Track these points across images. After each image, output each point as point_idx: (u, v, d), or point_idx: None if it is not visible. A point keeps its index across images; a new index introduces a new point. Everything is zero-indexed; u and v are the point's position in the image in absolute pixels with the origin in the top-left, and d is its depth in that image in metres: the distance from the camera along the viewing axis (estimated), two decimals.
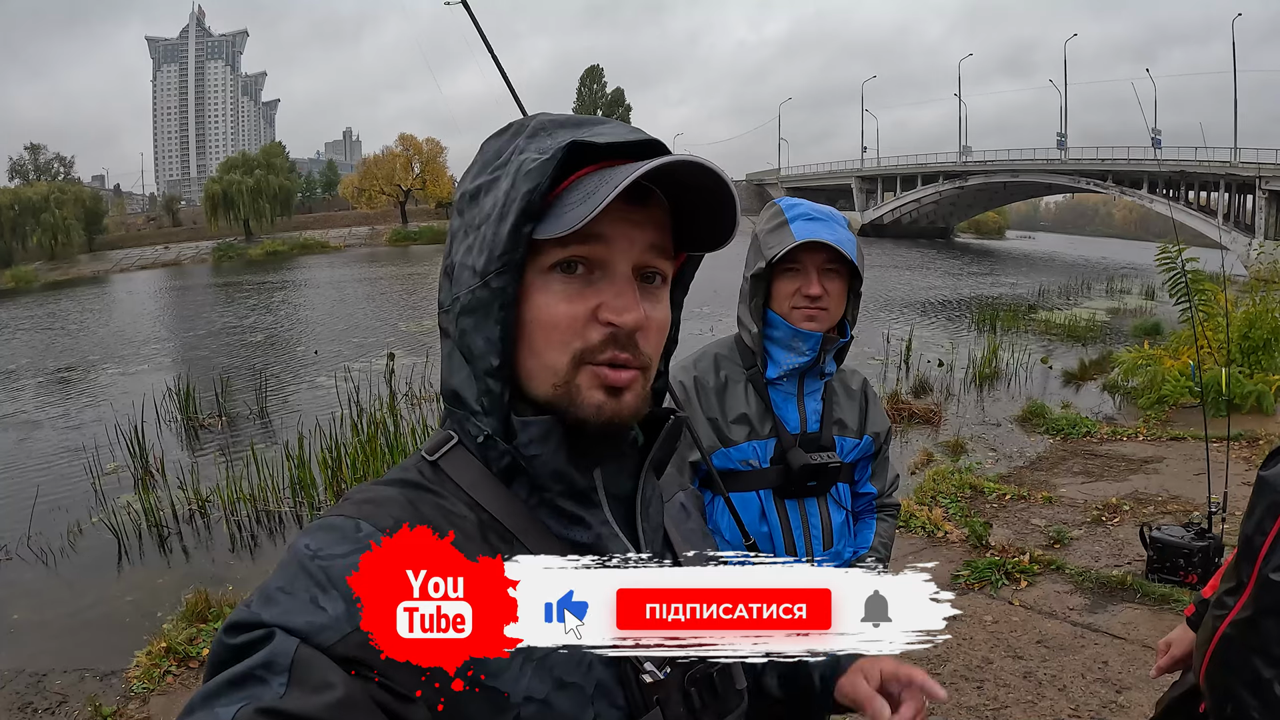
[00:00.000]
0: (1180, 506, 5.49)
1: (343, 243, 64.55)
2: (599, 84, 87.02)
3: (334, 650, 0.61)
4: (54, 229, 61.03)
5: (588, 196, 0.69)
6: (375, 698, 0.61)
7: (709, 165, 0.71)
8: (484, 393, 0.75)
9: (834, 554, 1.76)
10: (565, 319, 0.72)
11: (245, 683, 0.59)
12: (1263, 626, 1.26)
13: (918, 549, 4.97)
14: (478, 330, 0.74)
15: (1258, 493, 1.34)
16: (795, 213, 1.68)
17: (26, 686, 4.08)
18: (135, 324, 22.21)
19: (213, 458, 8.22)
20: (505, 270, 0.71)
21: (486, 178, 0.75)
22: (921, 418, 9.05)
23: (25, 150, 79.55)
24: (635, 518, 0.81)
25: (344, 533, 0.68)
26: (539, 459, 0.74)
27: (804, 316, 1.68)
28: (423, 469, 0.77)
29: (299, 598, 0.63)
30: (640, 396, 0.76)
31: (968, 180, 59.46)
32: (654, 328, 0.76)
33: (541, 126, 0.75)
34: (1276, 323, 9.16)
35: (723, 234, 0.77)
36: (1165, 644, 1.67)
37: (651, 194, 0.74)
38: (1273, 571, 1.25)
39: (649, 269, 0.75)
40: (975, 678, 3.47)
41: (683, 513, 0.96)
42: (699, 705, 0.77)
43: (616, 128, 0.74)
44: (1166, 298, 6.86)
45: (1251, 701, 1.25)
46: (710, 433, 1.71)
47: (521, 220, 0.70)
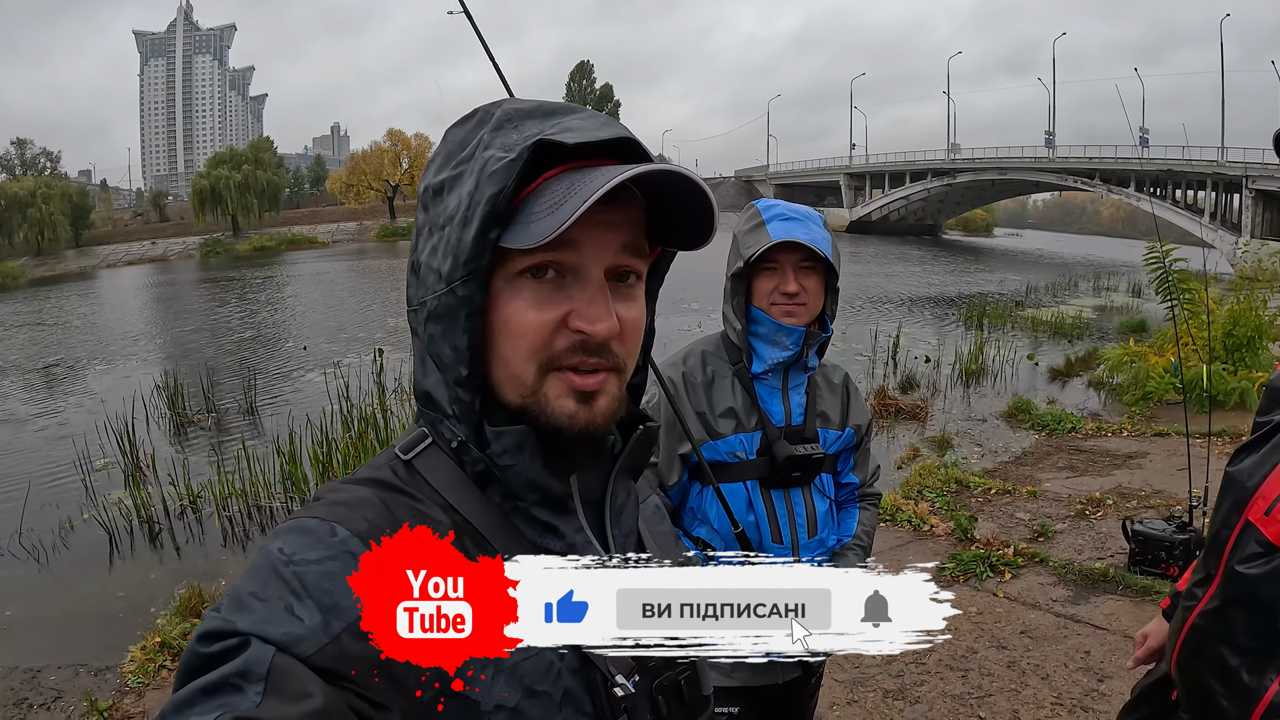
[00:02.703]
0: (1163, 501, 5.56)
1: (331, 238, 64.32)
2: (588, 80, 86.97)
3: (311, 661, 0.59)
4: (40, 224, 60.66)
5: (556, 205, 0.65)
6: (353, 707, 0.60)
7: (685, 174, 0.69)
8: (454, 400, 0.73)
9: (818, 541, 1.82)
10: (534, 327, 0.70)
11: (220, 690, 0.57)
12: (1230, 616, 1.31)
13: (904, 542, 5.03)
14: (445, 338, 0.71)
15: (1225, 488, 1.40)
16: (772, 213, 1.75)
17: (21, 682, 4.07)
18: (123, 320, 22.07)
19: (203, 454, 8.20)
20: (471, 278, 0.68)
21: (450, 173, 0.72)
22: (908, 413, 9.10)
23: (12, 145, 79.08)
24: (605, 523, 0.79)
25: (318, 537, 0.66)
26: (513, 469, 0.72)
27: (783, 313, 1.74)
28: (396, 468, 0.75)
29: (273, 605, 0.61)
30: (615, 398, 0.73)
31: (956, 178, 59.78)
32: (629, 328, 0.73)
33: (508, 117, 0.71)
34: (1260, 320, 9.25)
35: (700, 237, 0.75)
36: (1142, 636, 1.72)
37: (626, 193, 0.71)
38: (1238, 564, 1.30)
39: (622, 269, 0.73)
40: (960, 667, 3.53)
41: (657, 515, 0.95)
42: (665, 713, 0.77)
43: (587, 121, 0.71)
44: (1152, 295, 6.94)
45: (1219, 688, 1.30)
46: (699, 426, 1.77)
47: (486, 226, 0.67)
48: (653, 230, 0.76)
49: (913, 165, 63.64)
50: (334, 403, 8.28)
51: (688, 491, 1.82)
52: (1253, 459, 1.37)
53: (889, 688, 3.38)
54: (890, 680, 3.42)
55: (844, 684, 3.40)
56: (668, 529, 0.96)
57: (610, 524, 0.80)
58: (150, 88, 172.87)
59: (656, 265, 0.82)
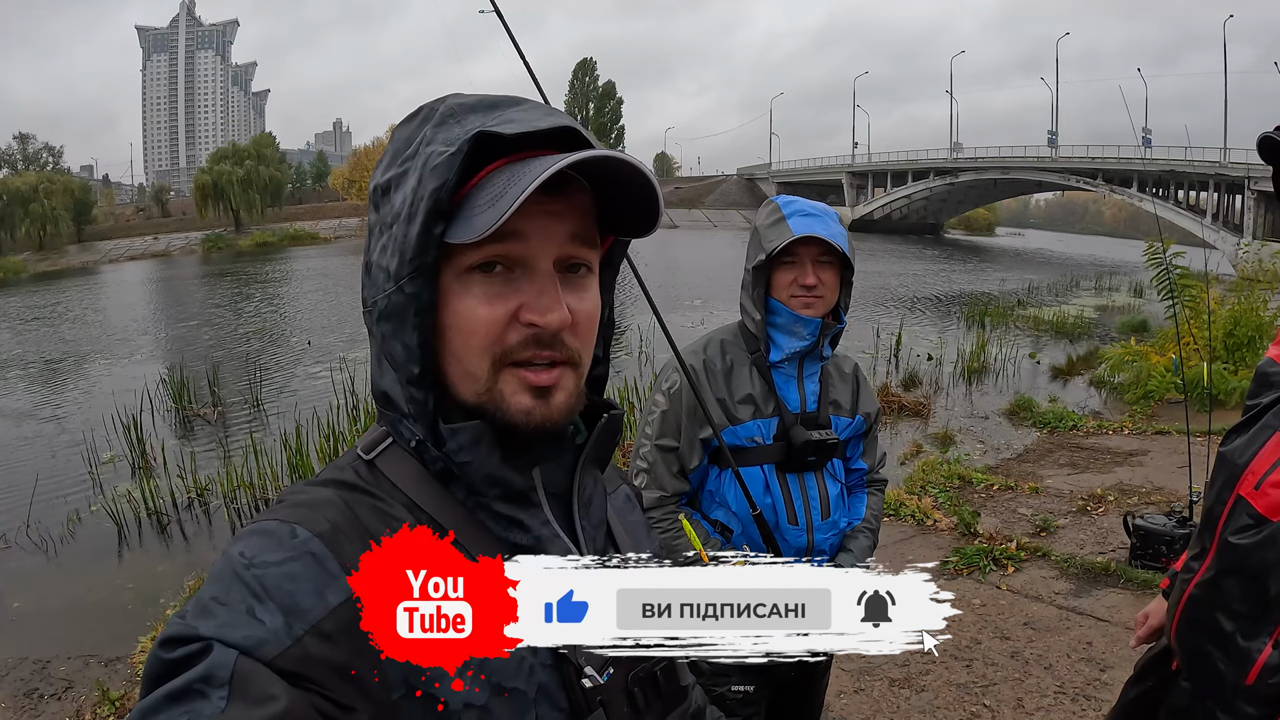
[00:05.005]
0: (1163, 497, 5.60)
1: (333, 234, 64.29)
2: (590, 76, 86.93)
3: (274, 664, 0.59)
4: (43, 219, 60.68)
5: (498, 197, 0.65)
6: (318, 709, 0.59)
7: (626, 159, 0.68)
8: (410, 399, 0.72)
9: (831, 523, 1.89)
10: (484, 323, 0.69)
11: (184, 697, 0.56)
12: (1224, 585, 1.39)
13: (908, 536, 5.07)
14: (396, 337, 0.71)
15: (1218, 467, 1.48)
16: (792, 209, 1.81)
17: (31, 673, 4.11)
18: (126, 315, 22.10)
19: (209, 447, 8.24)
20: (418, 275, 0.68)
21: (396, 170, 0.71)
22: (911, 410, 9.14)
23: (14, 140, 79.13)
24: (573, 516, 0.79)
25: (279, 539, 0.65)
26: (470, 465, 0.71)
27: (801, 304, 1.81)
28: (358, 468, 0.75)
29: (235, 609, 0.61)
30: (571, 393, 0.73)
31: (958, 177, 59.71)
32: (582, 320, 0.72)
33: (451, 112, 0.70)
34: (1260, 320, 9.29)
35: (647, 223, 0.75)
36: (1143, 616, 1.79)
37: (571, 182, 0.70)
38: (1231, 535, 1.38)
39: (573, 260, 0.72)
40: (964, 657, 3.57)
41: (628, 504, 0.95)
42: (643, 704, 0.77)
43: (528, 112, 0.70)
44: (1154, 295, 6.96)
45: (1217, 653, 1.38)
46: (719, 412, 1.82)
47: (430, 221, 0.67)
48: (603, 220, 0.76)
49: (915, 164, 63.59)
50: (339, 396, 8.32)
51: (706, 475, 1.88)
52: (1243, 439, 1.44)
53: (895, 676, 3.43)
54: (896, 669, 3.47)
55: (851, 673, 3.44)
56: (638, 519, 0.95)
57: (579, 516, 0.79)
58: (152, 83, 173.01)
59: (611, 254, 0.81)
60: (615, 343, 1.19)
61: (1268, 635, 1.31)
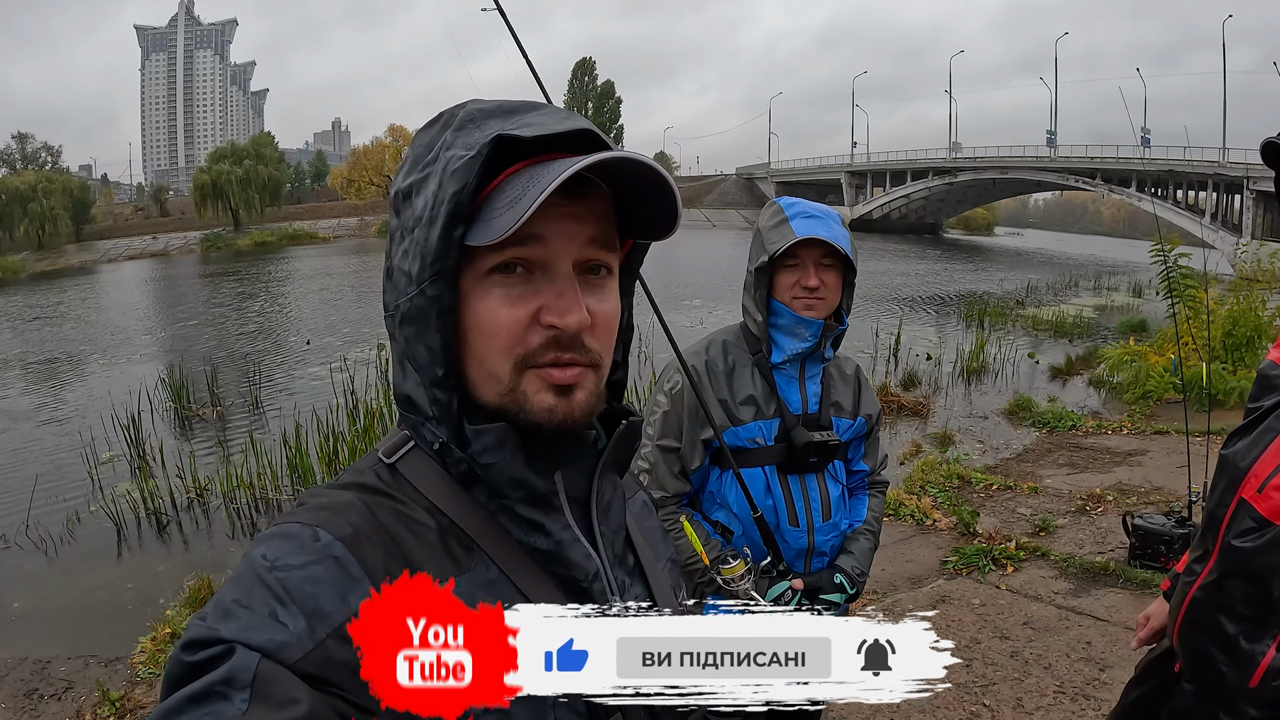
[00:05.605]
0: (1162, 497, 5.61)
1: (332, 234, 64.21)
2: (589, 76, 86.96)
3: (296, 667, 0.59)
4: (41, 219, 60.61)
5: (517, 199, 0.66)
6: (339, 712, 0.59)
7: (644, 161, 0.69)
8: (433, 402, 0.73)
9: (832, 525, 1.88)
10: (505, 325, 0.70)
11: (206, 699, 0.56)
12: (1227, 588, 1.39)
13: (907, 536, 5.08)
14: (419, 340, 0.72)
15: (1220, 470, 1.48)
16: (794, 211, 1.81)
17: (31, 673, 4.09)
18: (125, 314, 22.07)
19: (208, 446, 8.23)
20: (439, 277, 0.69)
21: (417, 176, 0.72)
22: (910, 410, 9.15)
23: (12, 139, 79.00)
24: (592, 520, 0.79)
25: (300, 541, 0.66)
26: (495, 467, 0.72)
27: (803, 306, 1.81)
28: (380, 472, 0.75)
29: (257, 612, 0.61)
30: (592, 394, 0.74)
31: (957, 176, 59.71)
32: (601, 323, 0.73)
33: (470, 118, 0.72)
34: (1259, 320, 9.30)
35: (665, 226, 0.75)
36: (1144, 617, 1.79)
37: (590, 185, 0.71)
38: (1234, 538, 1.39)
39: (592, 262, 0.73)
40: (964, 656, 3.57)
41: (645, 510, 0.95)
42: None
43: (547, 116, 0.71)
44: (1153, 295, 6.97)
45: (1220, 656, 1.38)
46: (721, 413, 1.82)
47: (451, 224, 0.68)
48: (623, 224, 0.76)
49: (914, 164, 63.60)
50: (339, 396, 8.30)
51: (707, 476, 1.88)
52: (1245, 442, 1.44)
53: None
54: None
55: None
56: (655, 524, 0.96)
57: (597, 521, 0.80)
58: (151, 82, 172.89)
59: (630, 259, 0.82)
60: None
61: (1271, 638, 1.32)
